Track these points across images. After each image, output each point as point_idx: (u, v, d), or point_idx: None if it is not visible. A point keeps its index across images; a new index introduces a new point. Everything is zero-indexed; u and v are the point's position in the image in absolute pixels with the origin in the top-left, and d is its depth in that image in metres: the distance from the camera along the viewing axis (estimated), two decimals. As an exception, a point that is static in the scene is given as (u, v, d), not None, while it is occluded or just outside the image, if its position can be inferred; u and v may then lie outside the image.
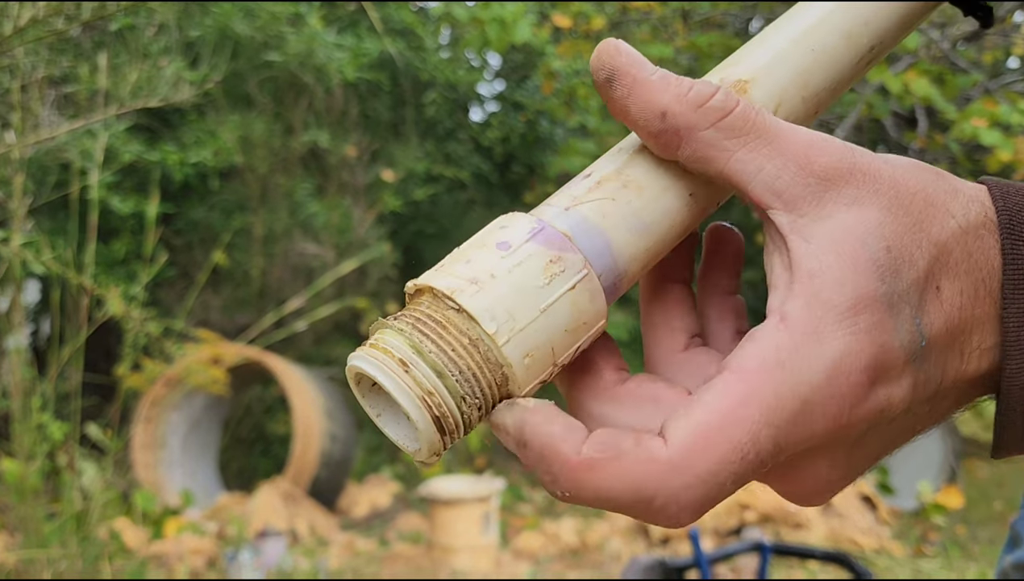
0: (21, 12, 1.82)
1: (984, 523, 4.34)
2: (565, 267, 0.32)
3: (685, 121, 0.33)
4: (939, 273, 0.32)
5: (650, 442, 0.31)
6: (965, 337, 0.33)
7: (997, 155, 3.26)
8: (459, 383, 0.32)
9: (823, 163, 0.32)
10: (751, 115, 0.33)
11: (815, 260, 0.31)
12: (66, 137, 3.17)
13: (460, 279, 0.32)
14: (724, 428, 0.30)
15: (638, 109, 0.34)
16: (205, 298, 5.17)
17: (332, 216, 5.47)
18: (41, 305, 5.28)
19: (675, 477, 0.30)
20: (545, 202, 0.35)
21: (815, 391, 0.30)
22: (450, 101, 6.30)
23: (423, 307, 0.32)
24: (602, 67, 0.35)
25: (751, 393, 0.30)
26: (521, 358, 0.32)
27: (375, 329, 0.34)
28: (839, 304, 0.31)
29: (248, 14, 5.14)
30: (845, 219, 0.32)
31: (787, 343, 0.30)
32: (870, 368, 0.31)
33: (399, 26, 5.94)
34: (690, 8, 4.38)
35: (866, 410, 0.31)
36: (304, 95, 5.55)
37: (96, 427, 3.32)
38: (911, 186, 0.33)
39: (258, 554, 3.56)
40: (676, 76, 0.35)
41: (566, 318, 0.33)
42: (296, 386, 4.49)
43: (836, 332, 0.30)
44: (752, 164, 0.33)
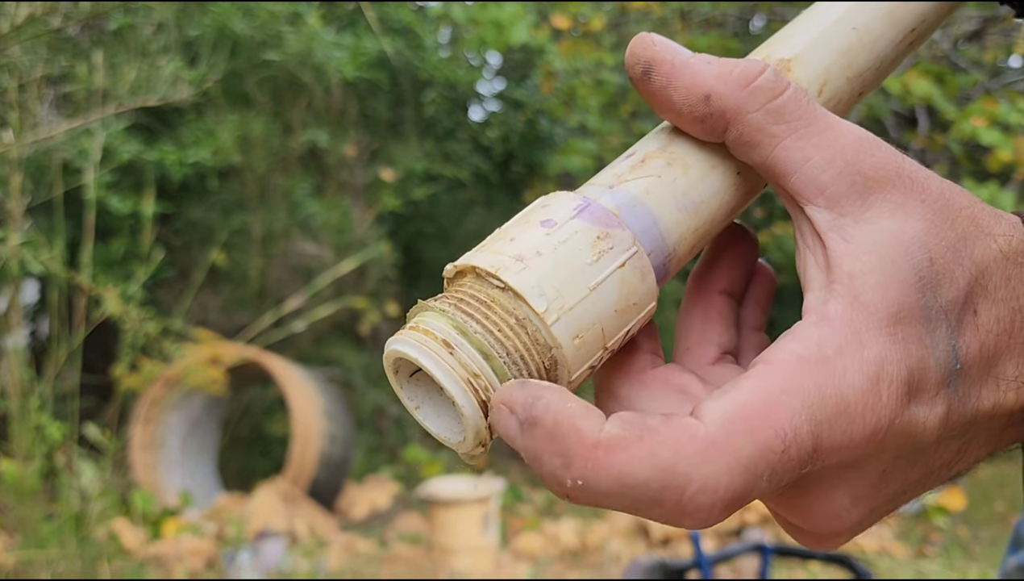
0: (18, 10, 1.82)
1: (986, 524, 4.34)
2: (614, 244, 0.31)
3: (733, 102, 0.32)
4: (978, 296, 0.30)
5: (683, 420, 0.27)
6: (1001, 367, 0.31)
7: (997, 155, 3.26)
8: (507, 365, 0.30)
9: (872, 162, 0.31)
10: (802, 100, 0.32)
11: (856, 261, 0.29)
12: (64, 136, 3.16)
13: (504, 256, 0.30)
14: (768, 410, 0.27)
15: (681, 95, 0.32)
16: (204, 298, 5.17)
17: (331, 216, 5.46)
18: (40, 305, 5.27)
19: (716, 458, 0.27)
20: (588, 182, 0.34)
21: (857, 394, 0.28)
22: (449, 100, 6.30)
23: (466, 287, 0.31)
24: (637, 61, 0.33)
25: (793, 383, 0.28)
26: (571, 339, 0.30)
27: (415, 312, 0.32)
28: (880, 309, 0.29)
29: (247, 13, 5.13)
30: (889, 225, 0.30)
31: (831, 341, 0.29)
32: (907, 382, 0.29)
33: (398, 25, 5.93)
34: (689, 8, 4.38)
35: (901, 427, 0.29)
36: (303, 94, 5.54)
37: (95, 427, 3.31)
38: (958, 202, 0.31)
39: (257, 555, 3.56)
40: (718, 57, 0.33)
41: (616, 297, 0.31)
42: (295, 386, 4.48)
43: (877, 337, 0.29)
44: (799, 153, 0.31)
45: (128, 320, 3.13)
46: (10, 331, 3.05)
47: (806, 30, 0.37)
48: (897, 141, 4.44)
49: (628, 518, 4.08)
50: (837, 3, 0.37)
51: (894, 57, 0.38)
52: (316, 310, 4.48)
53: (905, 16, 0.37)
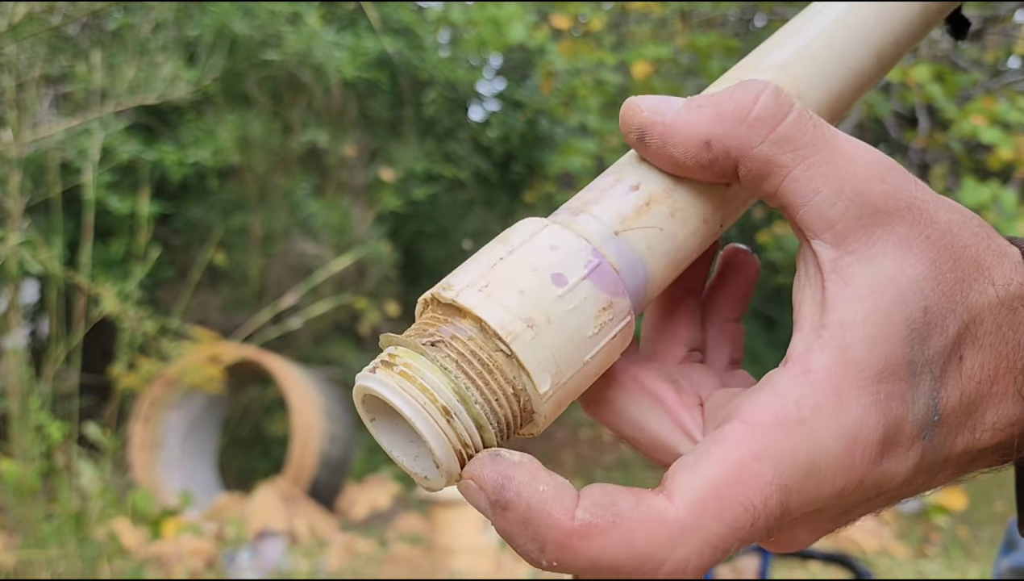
0: (16, 8, 1.81)
1: (986, 524, 4.34)
2: (614, 314, 0.30)
3: (735, 141, 0.30)
4: (966, 343, 0.30)
5: (653, 501, 0.27)
6: (979, 413, 0.30)
7: (998, 153, 3.26)
8: (496, 435, 0.29)
9: (882, 191, 0.30)
10: (807, 123, 0.30)
11: (850, 308, 0.29)
12: (63, 135, 3.16)
13: (515, 318, 0.29)
14: (736, 485, 0.27)
15: (680, 150, 0.31)
16: (204, 298, 5.16)
17: (331, 216, 5.46)
18: (39, 305, 5.27)
19: (687, 541, 0.27)
20: (585, 208, 0.32)
21: (830, 458, 0.28)
22: (449, 100, 6.30)
23: (467, 341, 0.29)
24: (629, 129, 0.33)
25: (765, 448, 0.27)
26: (554, 408, 0.30)
27: (405, 351, 0.30)
28: (866, 368, 0.28)
29: (246, 13, 5.12)
30: (890, 267, 0.29)
31: (809, 400, 0.28)
32: (882, 441, 0.28)
33: (398, 25, 5.93)
34: (690, 8, 4.37)
35: (870, 482, 0.29)
36: (303, 94, 5.54)
37: (94, 427, 3.31)
38: (963, 239, 0.30)
39: (257, 555, 3.55)
40: (706, 96, 0.32)
41: (599, 367, 0.31)
42: (295, 386, 4.48)
43: (859, 398, 0.28)
44: (808, 185, 0.30)
45: (126, 319, 3.13)
46: (10, 331, 3.04)
47: (783, 48, 0.36)
48: (897, 141, 4.44)
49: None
50: (812, 21, 0.37)
51: (873, 75, 0.37)
52: (313, 307, 4.48)
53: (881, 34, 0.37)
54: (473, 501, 0.29)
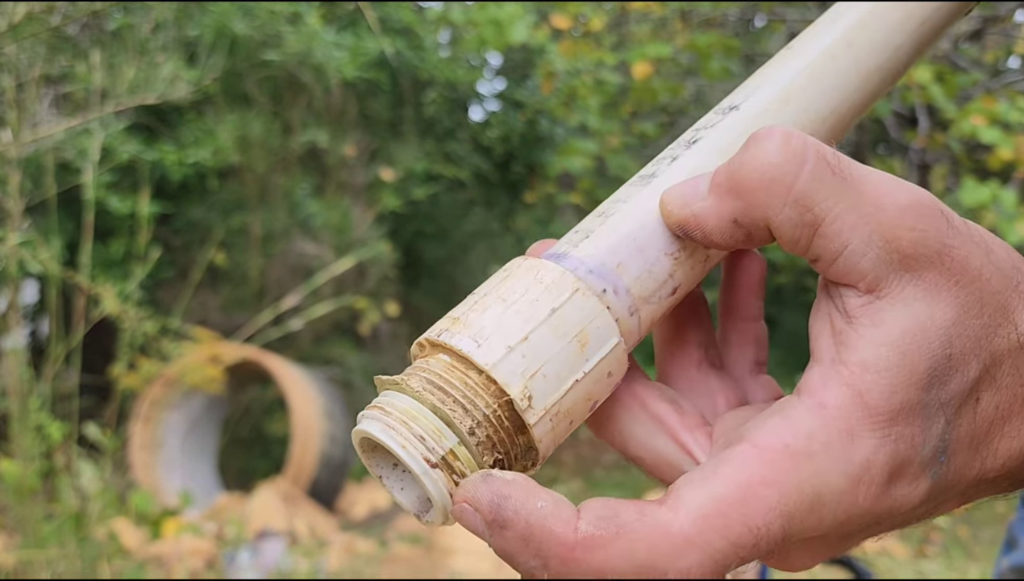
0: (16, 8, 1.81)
1: (986, 524, 4.34)
2: (601, 335, 0.31)
3: (759, 212, 0.30)
4: (984, 386, 0.30)
5: (656, 513, 0.28)
6: (990, 450, 0.31)
7: (998, 154, 3.25)
8: (484, 459, 0.30)
9: (913, 239, 0.29)
10: (824, 173, 0.29)
11: (873, 352, 0.28)
12: (63, 135, 3.16)
13: (496, 344, 0.29)
14: (743, 506, 0.27)
15: (717, 239, 0.31)
16: (204, 298, 5.16)
17: (331, 216, 5.46)
18: (39, 305, 5.27)
19: (690, 553, 0.27)
20: (621, 277, 0.32)
21: (835, 494, 0.28)
22: (450, 100, 6.30)
23: (447, 371, 0.29)
24: (675, 228, 0.32)
25: (774, 476, 0.28)
26: (548, 433, 0.30)
27: (392, 389, 0.30)
28: (882, 412, 0.28)
29: (246, 13, 5.12)
30: (919, 312, 0.29)
31: (821, 435, 0.28)
32: (888, 479, 0.29)
33: (398, 25, 5.92)
34: (690, 8, 4.37)
35: (871, 517, 0.29)
36: (303, 94, 5.54)
37: (94, 427, 3.31)
38: (993, 285, 0.30)
39: (257, 555, 3.55)
40: (724, 167, 0.31)
41: (594, 390, 0.31)
42: (295, 386, 4.48)
43: (869, 439, 0.28)
44: (837, 240, 0.29)
45: (126, 319, 3.13)
46: (10, 331, 3.04)
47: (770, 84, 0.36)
48: (897, 141, 4.44)
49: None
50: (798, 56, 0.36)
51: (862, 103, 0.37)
52: (314, 308, 4.48)
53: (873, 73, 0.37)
54: (469, 525, 0.28)
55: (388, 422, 0.29)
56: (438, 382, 0.29)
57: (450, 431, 0.29)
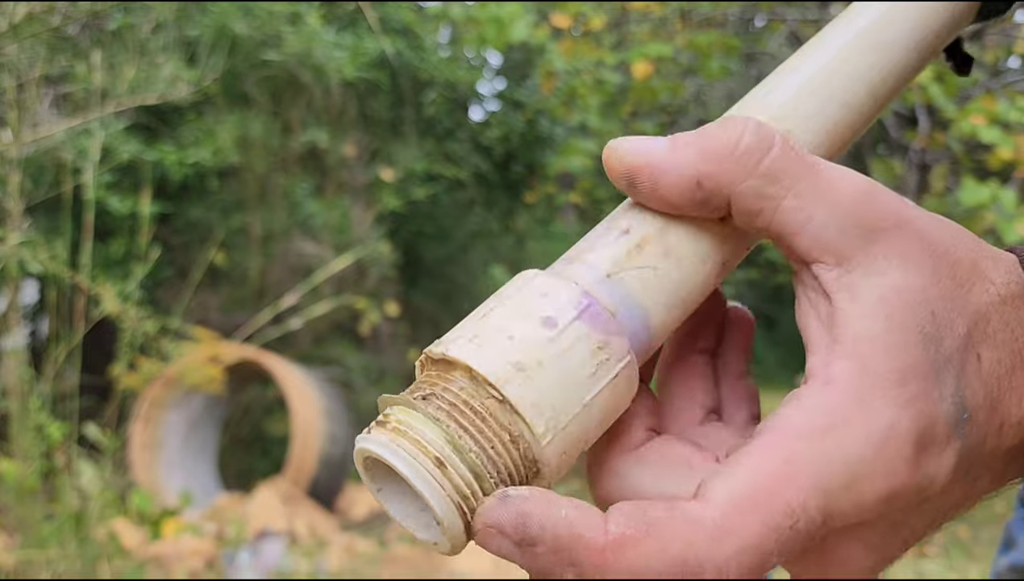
0: (17, 9, 1.81)
1: (986, 524, 4.34)
2: (611, 354, 0.30)
3: (725, 177, 0.31)
4: (979, 341, 0.30)
5: (686, 507, 0.27)
6: (1005, 409, 0.31)
7: (998, 153, 3.26)
8: (495, 484, 0.28)
9: (874, 212, 0.30)
10: (791, 154, 0.31)
11: (862, 322, 0.29)
12: (63, 135, 3.16)
13: (505, 363, 0.29)
14: (774, 488, 0.27)
15: (671, 192, 0.31)
16: (204, 298, 5.16)
17: (331, 216, 5.46)
18: (39, 305, 5.27)
19: (726, 542, 0.27)
20: (579, 257, 0.32)
21: (865, 464, 0.28)
22: (450, 100, 6.30)
23: (458, 391, 0.29)
24: (618, 176, 0.32)
25: (799, 456, 0.27)
26: (558, 456, 0.29)
27: (399, 408, 0.29)
28: (887, 374, 0.28)
29: (246, 13, 5.12)
30: (895, 279, 0.29)
31: (837, 409, 0.28)
32: (917, 443, 0.28)
33: (398, 25, 5.93)
34: (690, 8, 4.37)
35: (912, 487, 0.29)
36: (303, 94, 5.54)
37: (94, 427, 3.31)
38: (959, 250, 0.31)
39: (257, 555, 3.55)
40: (689, 133, 0.32)
41: (604, 410, 0.30)
42: (295, 386, 4.48)
43: (884, 403, 0.28)
44: (801, 213, 0.30)
45: (126, 319, 3.13)
46: (10, 331, 3.04)
47: (779, 89, 0.36)
48: (897, 140, 4.44)
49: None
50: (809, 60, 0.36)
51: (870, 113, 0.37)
52: (314, 308, 4.48)
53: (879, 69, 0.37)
54: (497, 549, 0.28)
55: (405, 449, 0.28)
56: (453, 406, 0.29)
57: (464, 459, 0.28)
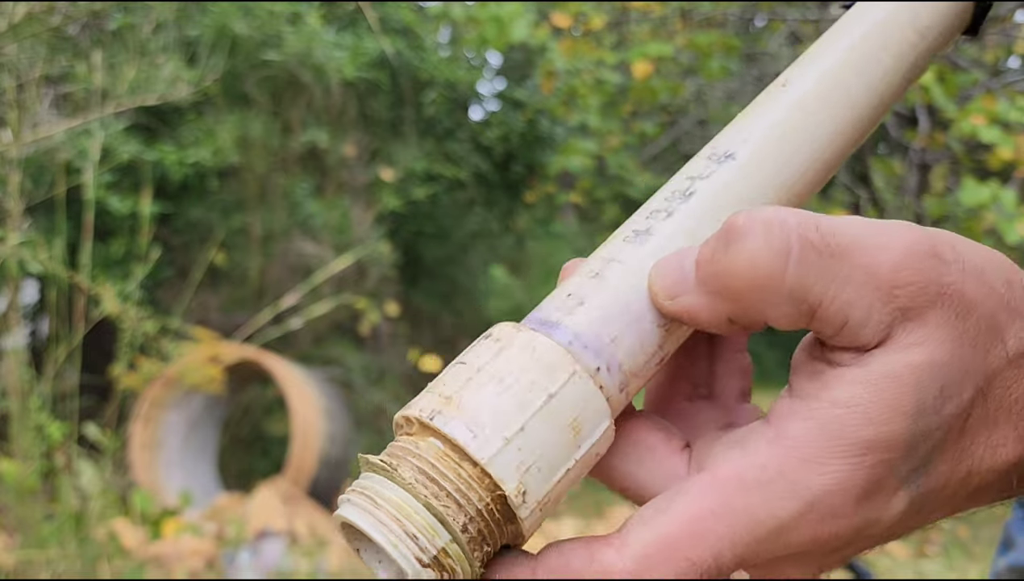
0: (17, 9, 1.81)
1: (986, 524, 4.34)
2: (598, 437, 0.30)
3: (755, 313, 0.30)
4: (976, 404, 0.30)
5: (603, 555, 0.29)
6: (974, 461, 0.31)
7: (998, 153, 3.25)
8: (467, 542, 0.29)
9: (911, 293, 0.28)
10: (810, 255, 0.28)
11: (847, 390, 0.29)
12: (63, 136, 3.16)
13: (518, 472, 0.29)
14: (685, 542, 0.28)
15: (705, 323, 0.31)
16: (204, 298, 5.16)
17: (331, 216, 5.46)
18: (39, 305, 5.27)
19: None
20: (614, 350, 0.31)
21: (793, 518, 0.29)
22: (450, 100, 6.30)
23: (473, 495, 0.29)
24: (664, 311, 0.32)
25: (723, 508, 0.29)
26: (531, 533, 0.30)
27: (370, 470, 0.30)
28: (854, 442, 0.28)
29: (246, 13, 5.12)
30: (916, 356, 0.28)
31: (775, 464, 0.29)
32: (861, 496, 0.29)
33: (398, 25, 5.93)
34: (690, 7, 4.37)
35: (853, 529, 0.30)
36: (303, 94, 5.54)
37: (94, 427, 3.31)
38: (988, 308, 0.29)
39: (257, 555, 3.55)
40: (707, 259, 0.30)
41: (580, 474, 0.31)
42: (295, 386, 4.48)
43: (834, 464, 0.28)
44: (837, 316, 0.29)
45: (126, 319, 3.13)
46: (10, 331, 3.04)
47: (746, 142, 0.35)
48: (897, 140, 4.44)
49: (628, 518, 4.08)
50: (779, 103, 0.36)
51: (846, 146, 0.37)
52: (314, 308, 4.48)
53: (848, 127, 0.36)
54: None
55: (379, 517, 0.28)
56: (431, 473, 0.28)
57: (443, 529, 0.28)
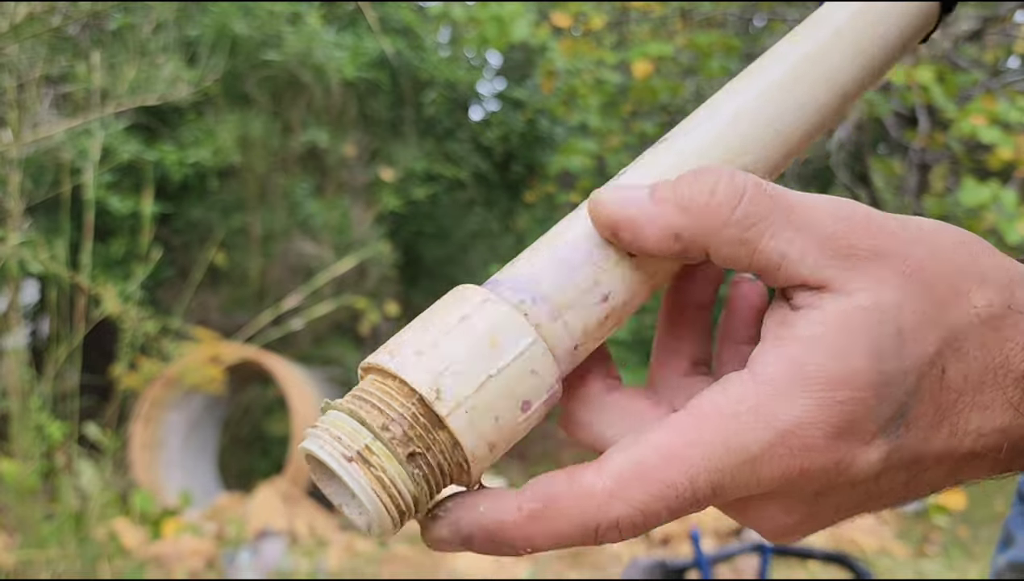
0: (17, 9, 1.81)
1: (986, 523, 4.34)
2: (522, 349, 0.33)
3: (701, 230, 0.32)
4: (947, 357, 0.32)
5: (582, 477, 0.31)
6: (960, 419, 0.32)
7: (998, 153, 3.26)
8: (425, 478, 0.32)
9: (851, 242, 0.32)
10: (762, 196, 0.32)
11: (812, 328, 0.31)
12: (64, 135, 3.16)
13: (430, 375, 0.32)
14: (661, 466, 0.31)
15: (652, 243, 0.33)
16: (204, 298, 5.17)
17: (331, 216, 5.46)
18: (40, 305, 5.27)
19: (613, 505, 0.31)
20: (562, 314, 0.35)
21: (763, 448, 0.31)
22: (450, 100, 6.30)
23: (394, 403, 0.32)
24: (603, 226, 0.34)
25: (698, 437, 0.31)
26: (476, 447, 0.32)
27: (334, 409, 0.33)
28: (817, 375, 0.31)
29: (247, 13, 5.13)
30: (862, 299, 0.31)
31: (749, 397, 0.31)
32: (833, 434, 0.31)
33: (398, 25, 5.93)
34: (690, 7, 4.38)
35: (828, 467, 0.31)
36: (303, 94, 5.54)
37: (95, 427, 3.31)
38: (940, 269, 0.32)
39: (257, 555, 3.56)
40: (668, 184, 0.33)
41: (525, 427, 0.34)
42: (295, 386, 4.48)
43: (803, 398, 0.31)
44: (775, 253, 0.32)
45: (127, 319, 3.13)
46: (10, 331, 3.05)
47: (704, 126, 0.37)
48: (897, 140, 4.44)
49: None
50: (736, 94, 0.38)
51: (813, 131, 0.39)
52: (314, 308, 4.48)
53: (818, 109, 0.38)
54: (451, 551, 0.33)
55: (315, 432, 0.32)
56: (359, 393, 0.33)
57: (364, 429, 0.31)
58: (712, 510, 0.34)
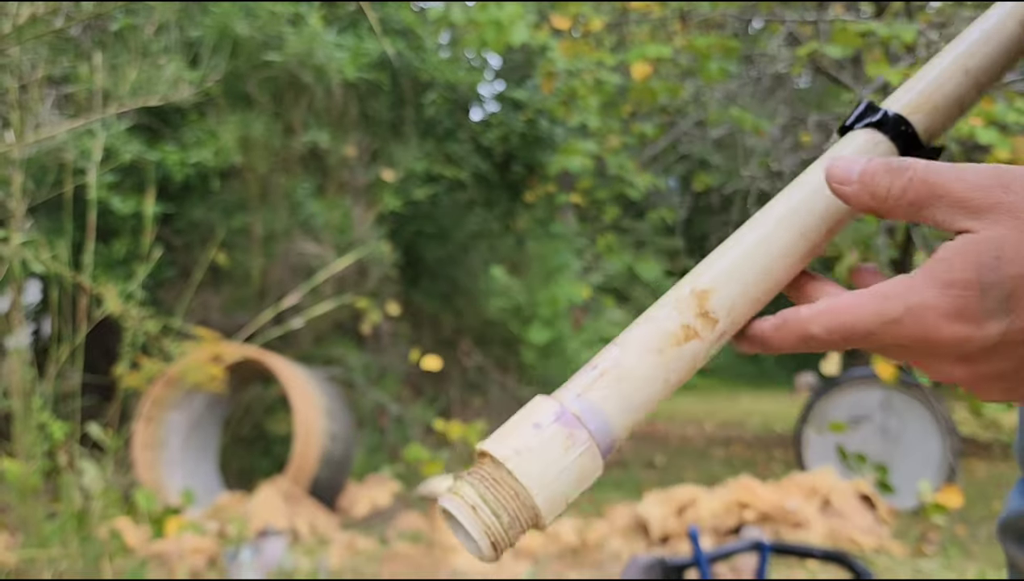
0: (20, 10, 1.83)
1: (984, 522, 4.35)
2: (575, 441, 0.46)
3: (890, 202, 0.47)
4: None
5: (797, 311, 0.48)
6: None
7: (995, 154, 3.26)
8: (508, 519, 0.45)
9: (976, 204, 0.45)
10: (922, 186, 0.46)
11: (945, 251, 0.45)
12: (66, 136, 3.18)
13: (509, 448, 0.45)
14: (841, 311, 0.46)
15: (854, 207, 0.50)
16: (206, 298, 5.18)
17: (332, 216, 5.47)
18: (42, 305, 5.29)
19: (922, 289, 0.45)
20: (565, 385, 0.47)
21: (895, 316, 0.45)
22: (450, 101, 6.31)
23: (484, 468, 0.46)
24: (834, 188, 0.49)
25: (865, 302, 0.46)
26: (547, 509, 0.45)
27: (458, 481, 0.46)
28: (942, 280, 0.45)
29: (248, 14, 5.14)
30: (973, 236, 0.45)
31: (902, 289, 0.46)
32: (948, 314, 0.44)
33: (399, 26, 5.94)
34: (689, 8, 4.38)
35: (948, 338, 0.45)
36: (304, 95, 5.55)
37: (97, 426, 3.32)
38: None
39: (259, 553, 3.57)
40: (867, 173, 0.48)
41: (577, 476, 0.46)
42: (297, 386, 4.50)
43: (930, 289, 0.45)
44: (932, 221, 0.47)
45: (129, 319, 3.14)
46: (12, 331, 3.06)
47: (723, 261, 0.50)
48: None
49: (628, 516, 4.08)
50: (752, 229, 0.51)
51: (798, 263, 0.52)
52: (315, 307, 4.49)
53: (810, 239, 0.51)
54: None
55: (462, 508, 0.45)
56: (473, 470, 0.46)
57: (475, 494, 0.45)
58: (711, 510, 0.37)
